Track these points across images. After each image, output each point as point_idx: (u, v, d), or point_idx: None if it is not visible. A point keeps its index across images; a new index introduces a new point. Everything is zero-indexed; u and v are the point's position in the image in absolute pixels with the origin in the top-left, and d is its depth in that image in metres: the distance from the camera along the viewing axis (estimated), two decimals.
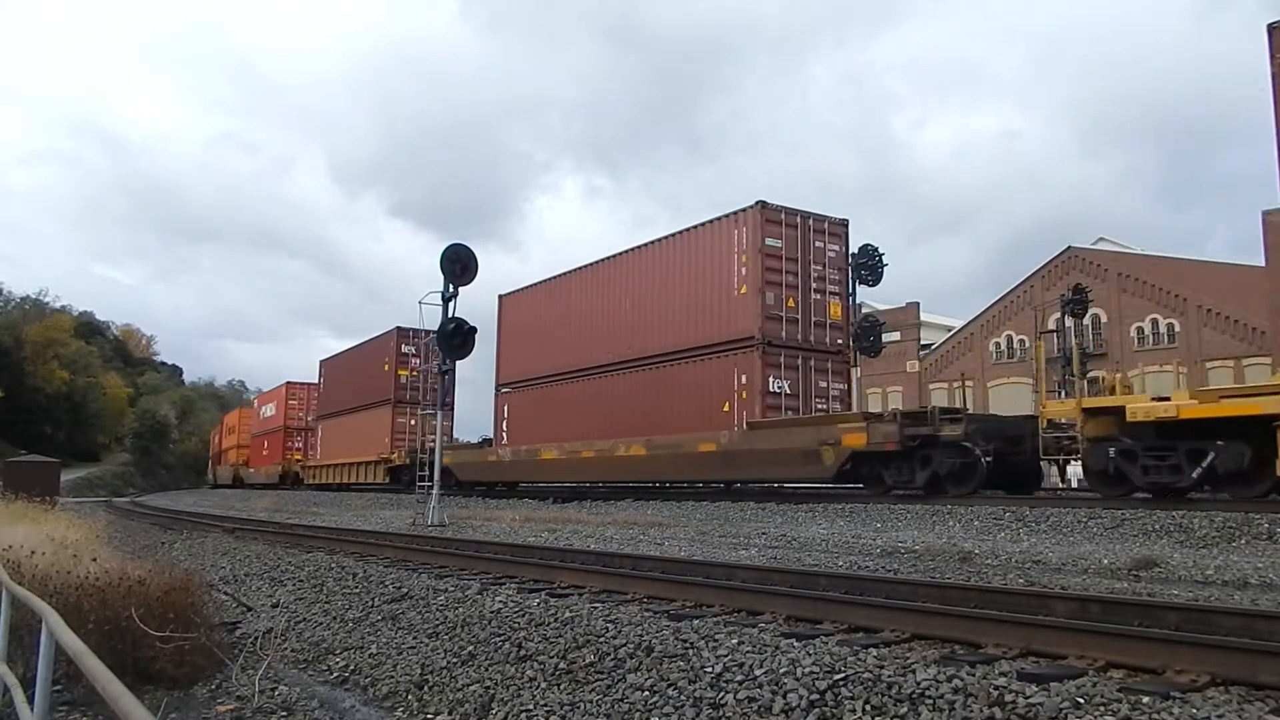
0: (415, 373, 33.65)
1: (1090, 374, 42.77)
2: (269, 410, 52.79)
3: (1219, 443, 11.81)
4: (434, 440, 24.79)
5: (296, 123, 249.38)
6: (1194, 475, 12.12)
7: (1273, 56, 18.93)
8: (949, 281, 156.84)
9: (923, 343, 57.00)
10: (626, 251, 24.02)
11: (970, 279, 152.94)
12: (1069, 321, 43.16)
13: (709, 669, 4.68)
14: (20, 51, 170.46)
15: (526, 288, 29.01)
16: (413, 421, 32.02)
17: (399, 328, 34.37)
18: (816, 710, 4.06)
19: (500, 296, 30.06)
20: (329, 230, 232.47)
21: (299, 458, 47.67)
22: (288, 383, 50.18)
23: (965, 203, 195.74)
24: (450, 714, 5.33)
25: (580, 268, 25.95)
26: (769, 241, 19.83)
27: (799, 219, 20.40)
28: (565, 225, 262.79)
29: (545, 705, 4.97)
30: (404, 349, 34.63)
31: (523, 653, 5.80)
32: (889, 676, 4.13)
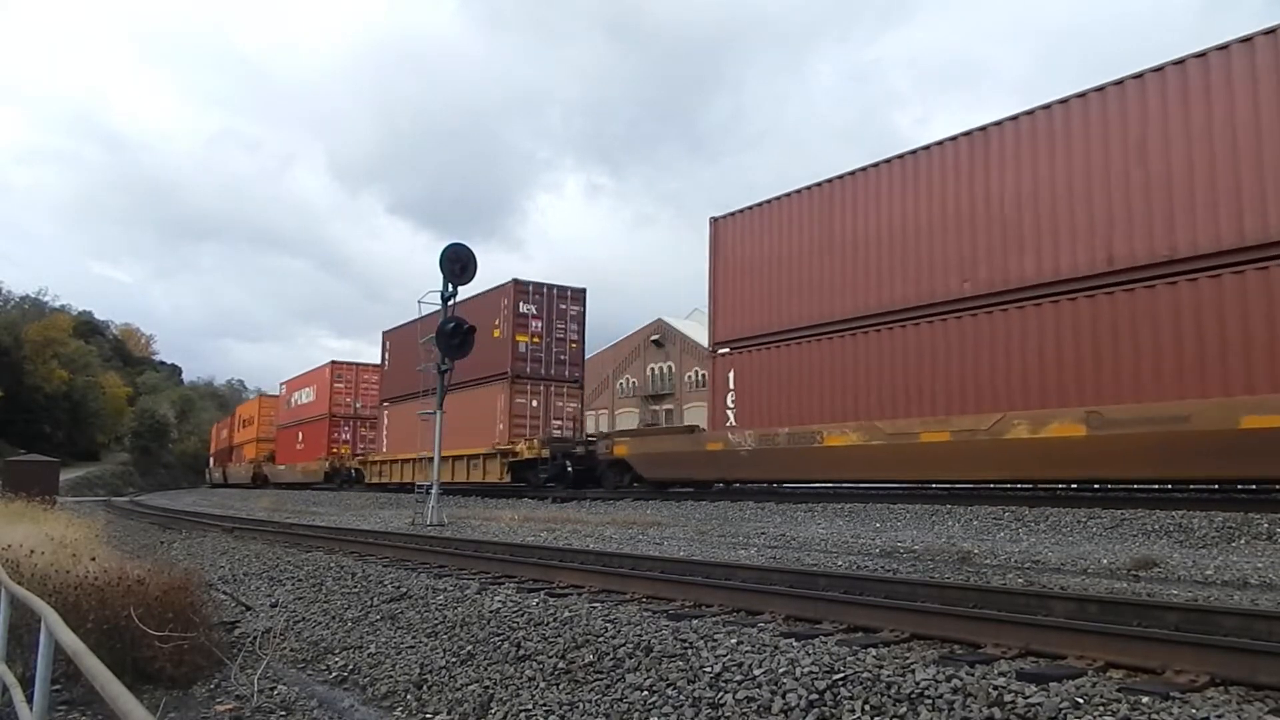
0: (538, 338, 27.26)
1: None
2: (305, 396, 45.17)
3: None
4: (558, 427, 27.10)
5: (296, 120, 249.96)
6: None
7: None
8: None
9: None
10: (1000, 123, 15.31)
11: None
12: None
13: (708, 669, 4.68)
14: (19, 49, 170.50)
15: (765, 203, 19.74)
16: (535, 402, 26.78)
17: (516, 280, 27.25)
18: (815, 710, 4.06)
19: (714, 220, 20.95)
20: (329, 229, 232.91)
21: (346, 450, 40.86)
22: (333, 362, 42.85)
23: None
24: (449, 713, 5.33)
25: (881, 162, 17.31)
26: None
27: None
28: (567, 224, 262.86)
29: (544, 705, 4.97)
30: (522, 307, 27.09)
31: (521, 652, 5.80)
32: (888, 676, 4.13)
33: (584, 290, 28.82)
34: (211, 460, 68.45)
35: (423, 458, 29.79)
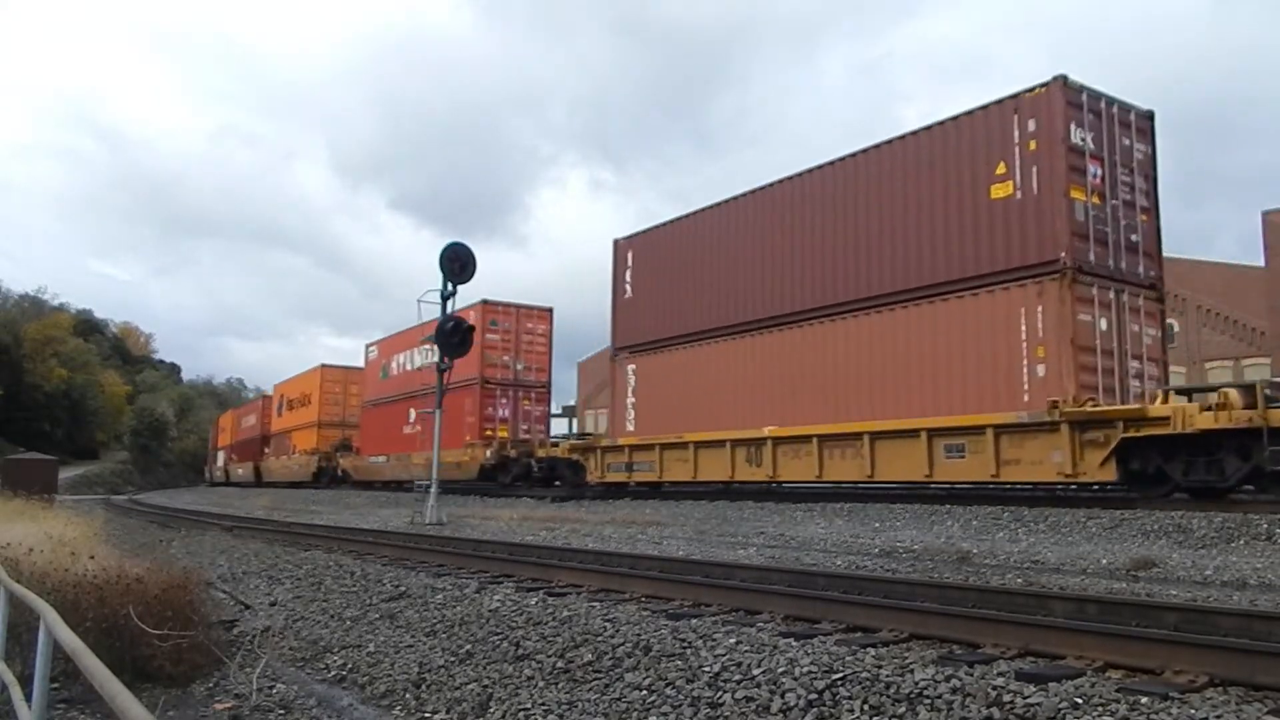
0: (1099, 198, 14.37)
1: None
2: (420, 358, 29.79)
3: None
4: (1136, 371, 14.17)
5: (298, 115, 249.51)
6: None
7: None
8: None
9: None
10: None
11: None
12: None
13: (707, 668, 4.68)
14: (19, 44, 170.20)
15: None
16: (1104, 322, 14.00)
17: (1064, 82, 14.39)
18: (814, 710, 4.06)
19: None
20: (330, 225, 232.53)
21: (502, 434, 27.48)
22: (484, 302, 27.91)
23: None
24: (448, 713, 5.32)
25: None
26: None
27: None
28: (570, 220, 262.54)
29: (543, 704, 4.96)
30: (1076, 135, 14.20)
31: (520, 651, 5.80)
32: (887, 676, 4.13)
33: (1152, 114, 15.51)
34: (224, 455, 59.07)
35: (729, 440, 18.28)
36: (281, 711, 5.78)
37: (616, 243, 23.53)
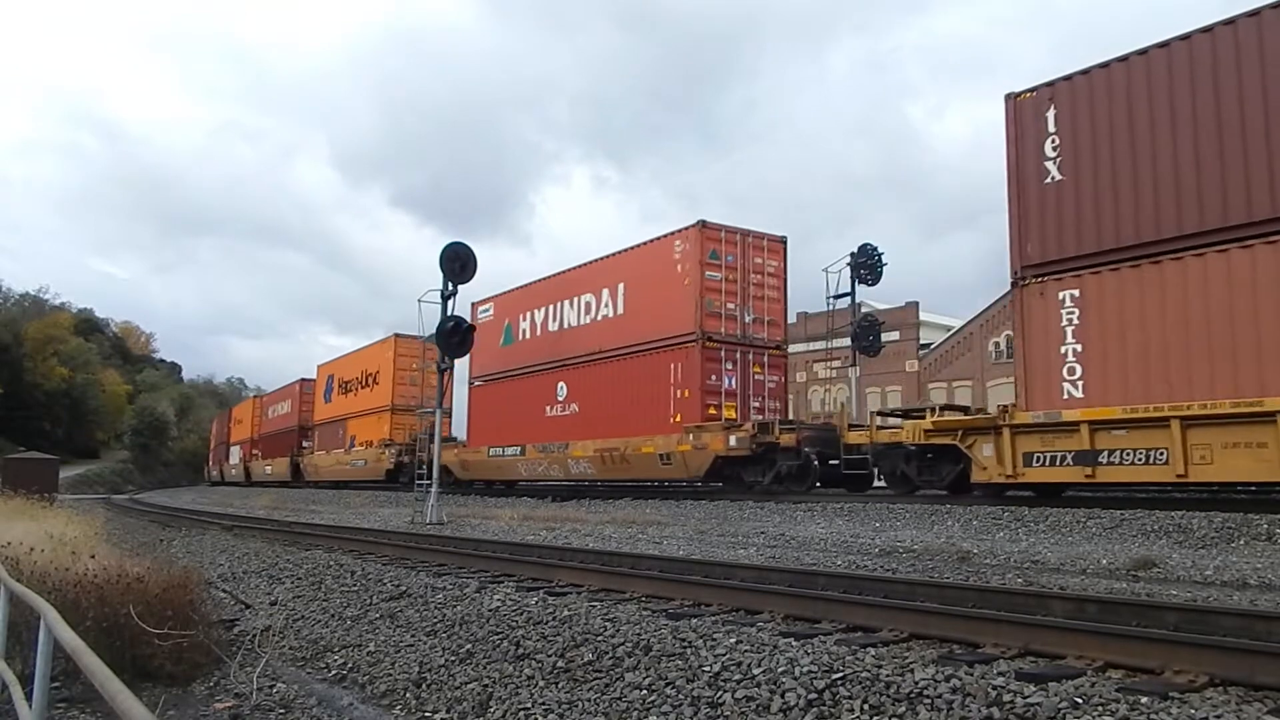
0: None
1: None
2: (565, 314, 24.02)
3: None
4: None
5: (299, 111, 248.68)
6: None
7: None
8: (961, 277, 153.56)
9: (922, 342, 57.01)
10: None
11: (983, 274, 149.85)
12: None
13: (707, 668, 4.69)
14: (19, 41, 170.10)
15: None
16: None
17: None
18: (814, 709, 4.06)
19: None
20: (331, 223, 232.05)
21: (729, 413, 19.07)
22: (702, 224, 19.69)
23: (981, 194, 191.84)
24: (448, 712, 5.33)
25: None
26: None
27: None
28: (572, 218, 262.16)
29: (543, 703, 4.97)
30: None
31: (521, 651, 5.80)
32: (887, 676, 4.13)
33: None
34: (240, 450, 52.25)
35: None
36: (282, 711, 5.79)
37: (1014, 100, 13.92)
